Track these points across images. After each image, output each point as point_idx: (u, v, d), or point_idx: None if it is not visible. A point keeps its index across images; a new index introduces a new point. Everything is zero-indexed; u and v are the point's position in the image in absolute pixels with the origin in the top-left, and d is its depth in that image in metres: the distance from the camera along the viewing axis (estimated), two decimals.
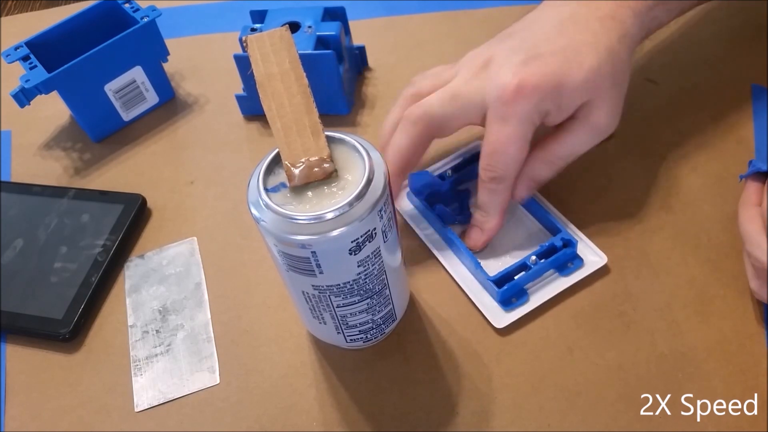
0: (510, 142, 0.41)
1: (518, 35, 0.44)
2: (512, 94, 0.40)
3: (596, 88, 0.42)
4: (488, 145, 0.42)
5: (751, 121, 0.50)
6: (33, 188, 0.55)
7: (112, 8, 0.57)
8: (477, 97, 0.42)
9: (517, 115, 0.41)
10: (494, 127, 0.42)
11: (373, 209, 0.33)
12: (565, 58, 0.41)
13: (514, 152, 0.42)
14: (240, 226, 0.51)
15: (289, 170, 0.33)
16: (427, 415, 0.40)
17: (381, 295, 0.38)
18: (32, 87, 0.53)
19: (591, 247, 0.44)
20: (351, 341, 0.41)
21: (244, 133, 0.57)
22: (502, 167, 0.42)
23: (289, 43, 0.36)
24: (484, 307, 0.43)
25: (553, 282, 0.43)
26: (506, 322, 0.42)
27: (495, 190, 0.43)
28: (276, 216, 0.32)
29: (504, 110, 0.41)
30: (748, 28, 0.57)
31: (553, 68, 0.41)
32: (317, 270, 0.34)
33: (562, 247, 0.43)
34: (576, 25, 0.43)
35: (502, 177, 0.42)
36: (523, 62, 0.41)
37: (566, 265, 0.44)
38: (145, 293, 0.48)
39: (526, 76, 0.41)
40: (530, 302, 0.43)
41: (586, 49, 0.42)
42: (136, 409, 0.43)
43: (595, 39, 0.42)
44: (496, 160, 0.42)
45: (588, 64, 0.41)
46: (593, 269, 0.43)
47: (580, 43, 0.42)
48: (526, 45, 0.43)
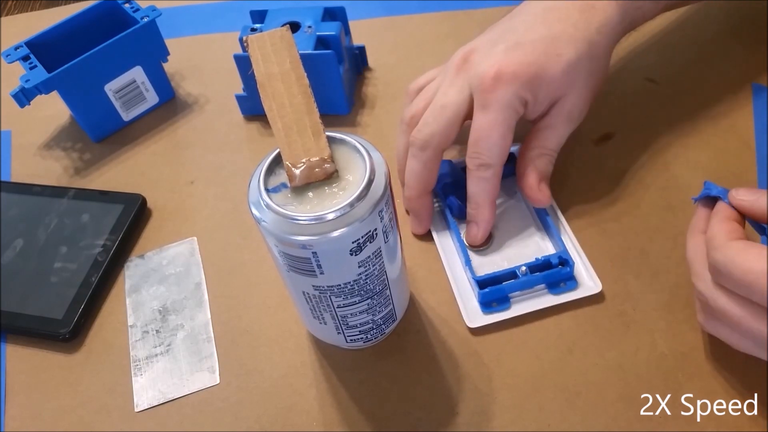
0: (492, 129, 0.42)
1: (500, 27, 0.46)
2: (491, 81, 0.42)
3: (572, 82, 0.43)
4: (473, 133, 0.43)
5: (751, 120, 0.50)
6: (33, 188, 0.55)
7: (112, 8, 0.57)
8: (462, 95, 0.44)
9: (497, 101, 0.42)
10: (478, 115, 0.43)
11: (374, 210, 0.33)
12: (545, 48, 0.43)
13: (497, 138, 0.42)
14: (240, 226, 0.51)
15: (290, 170, 0.33)
16: (427, 415, 0.40)
17: (381, 296, 0.38)
18: (32, 87, 0.53)
19: (589, 271, 0.44)
20: (351, 341, 0.41)
21: (244, 133, 0.57)
22: (486, 153, 0.43)
23: (290, 43, 0.36)
24: (463, 303, 0.43)
25: (542, 297, 0.43)
26: (479, 323, 0.42)
27: (482, 177, 0.43)
28: (277, 216, 0.32)
29: (485, 98, 0.42)
30: (748, 28, 0.57)
31: (531, 58, 0.42)
32: (318, 270, 0.34)
33: (558, 265, 0.43)
34: (556, 13, 0.44)
35: (488, 164, 0.43)
36: (502, 51, 0.43)
37: (559, 284, 0.43)
38: (145, 293, 0.48)
39: (505, 64, 0.42)
40: (511, 310, 0.43)
41: (565, 40, 0.43)
42: (136, 409, 0.43)
43: (575, 30, 0.43)
44: (481, 146, 0.43)
45: (566, 57, 0.42)
46: (585, 294, 0.43)
47: (559, 32, 0.43)
48: (507, 34, 0.44)
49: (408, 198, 0.46)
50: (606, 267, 0.44)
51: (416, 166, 0.45)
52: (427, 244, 0.47)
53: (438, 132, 0.44)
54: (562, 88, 0.43)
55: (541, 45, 0.43)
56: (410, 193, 0.46)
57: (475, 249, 0.46)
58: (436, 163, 0.45)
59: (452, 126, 0.44)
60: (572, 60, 0.42)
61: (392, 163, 0.52)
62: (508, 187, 0.49)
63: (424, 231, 0.48)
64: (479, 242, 0.45)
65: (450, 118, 0.44)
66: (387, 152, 0.52)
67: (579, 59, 0.43)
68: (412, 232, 0.48)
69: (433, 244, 0.47)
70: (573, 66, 0.43)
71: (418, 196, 0.46)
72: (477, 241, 0.45)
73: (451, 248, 0.46)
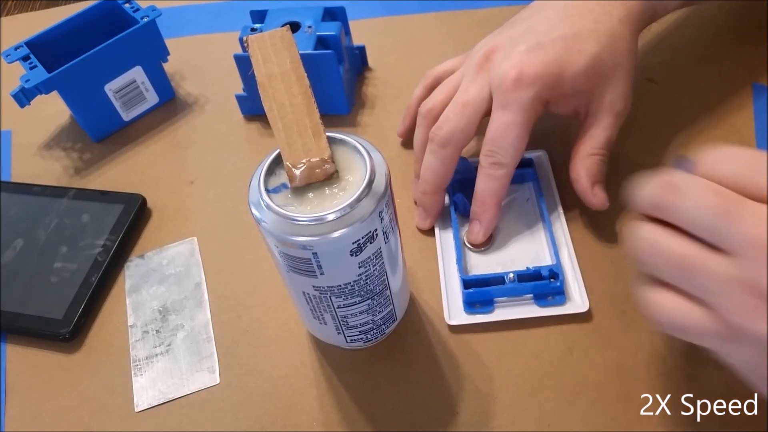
0: (510, 129, 0.42)
1: (522, 24, 0.46)
2: (512, 82, 0.42)
3: (598, 75, 0.43)
4: (490, 131, 0.43)
5: (751, 120, 0.50)
6: (33, 188, 0.55)
7: (112, 8, 0.57)
8: (483, 93, 0.44)
9: (517, 103, 0.42)
10: (496, 114, 0.43)
11: (374, 211, 0.33)
12: (566, 46, 0.43)
13: (513, 139, 0.43)
14: (240, 226, 0.51)
15: (290, 171, 0.33)
16: (427, 415, 0.40)
17: (382, 296, 0.38)
18: (32, 87, 0.53)
19: (580, 288, 0.43)
20: (351, 341, 0.41)
21: (244, 133, 0.57)
22: (501, 153, 0.43)
23: (290, 43, 0.36)
24: (448, 299, 0.43)
25: (527, 306, 0.43)
26: (457, 322, 0.42)
27: (494, 176, 0.43)
28: (277, 217, 0.32)
29: (505, 98, 0.42)
30: (748, 28, 0.57)
31: (553, 56, 0.42)
32: (318, 271, 0.34)
33: (548, 278, 0.42)
34: (577, 9, 0.44)
35: (501, 162, 0.43)
36: (524, 51, 0.43)
37: (546, 297, 0.43)
38: (145, 293, 0.48)
39: (527, 65, 0.42)
40: (494, 314, 0.43)
41: (586, 35, 0.43)
42: (136, 409, 0.43)
43: (596, 24, 0.43)
44: (497, 145, 0.43)
45: (588, 51, 0.43)
46: (571, 311, 0.42)
47: (581, 29, 0.43)
48: (528, 33, 0.44)
49: (422, 192, 0.47)
50: (605, 266, 0.44)
51: (434, 163, 0.45)
52: (427, 244, 0.47)
53: (459, 129, 0.44)
54: (589, 83, 0.43)
55: (562, 43, 0.43)
56: (425, 188, 0.46)
57: (475, 248, 0.46)
58: (454, 161, 0.45)
59: (473, 124, 0.44)
60: (595, 54, 0.43)
61: (393, 163, 0.51)
62: (519, 191, 0.49)
63: (429, 226, 0.48)
64: (480, 241, 0.45)
65: (470, 117, 0.44)
66: (387, 152, 0.53)
67: (602, 52, 0.43)
68: (416, 226, 0.48)
69: (434, 244, 0.47)
70: (596, 59, 0.43)
71: (433, 192, 0.46)
72: (478, 239, 0.45)
73: (449, 245, 0.46)
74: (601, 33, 0.43)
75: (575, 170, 0.45)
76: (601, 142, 0.45)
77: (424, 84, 0.51)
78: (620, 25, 0.44)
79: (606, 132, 0.45)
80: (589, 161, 0.45)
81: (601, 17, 0.44)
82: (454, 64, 0.50)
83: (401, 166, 0.52)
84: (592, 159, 0.45)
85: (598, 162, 0.45)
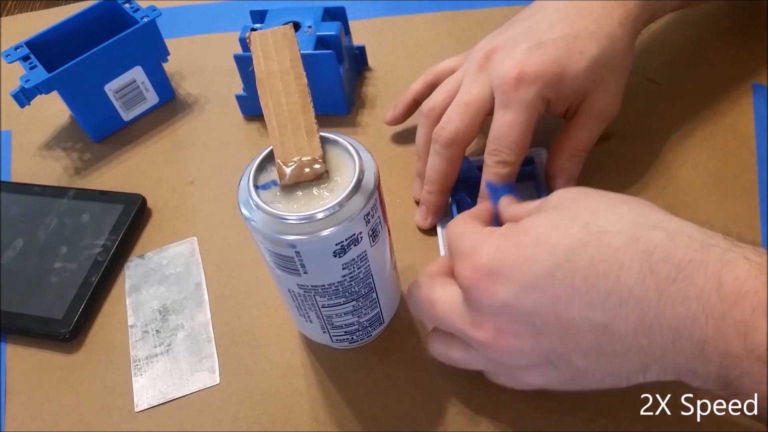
0: (513, 128, 0.43)
1: (522, 23, 0.46)
2: (514, 81, 0.42)
3: (596, 78, 0.43)
4: (494, 130, 0.43)
5: (751, 120, 0.50)
6: (33, 188, 0.55)
7: (112, 8, 0.57)
8: (484, 92, 0.44)
9: (519, 102, 0.42)
10: (499, 113, 0.43)
11: (360, 213, 0.33)
12: (567, 47, 0.43)
13: (517, 137, 0.43)
14: (240, 226, 0.50)
15: (281, 168, 0.33)
16: (427, 415, 0.40)
17: (367, 299, 0.38)
18: (32, 87, 0.53)
19: None
20: (337, 341, 0.41)
21: (244, 133, 0.57)
22: (506, 151, 0.43)
23: (292, 42, 0.36)
24: None
25: None
26: None
27: (499, 174, 0.44)
28: (263, 214, 0.33)
29: (507, 98, 0.43)
30: (748, 28, 0.57)
31: (554, 56, 0.43)
32: (302, 270, 0.34)
33: None
34: (578, 9, 0.44)
35: (506, 161, 0.43)
36: (525, 50, 0.43)
37: None
38: (145, 293, 0.48)
39: (528, 64, 0.42)
40: None
41: (587, 37, 0.43)
42: (136, 409, 0.43)
43: (597, 26, 0.43)
44: (501, 144, 0.43)
45: (589, 53, 0.43)
46: None
47: (581, 29, 0.43)
48: (529, 33, 0.44)
49: (428, 192, 0.47)
50: None
51: (440, 164, 0.45)
52: (428, 244, 0.47)
53: (462, 129, 0.44)
54: (587, 85, 0.43)
55: (563, 43, 0.43)
56: (431, 188, 0.46)
57: None
58: (459, 160, 0.46)
59: (476, 124, 0.44)
60: (595, 56, 0.43)
61: (393, 163, 0.52)
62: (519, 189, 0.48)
63: (430, 226, 0.48)
64: None
65: (473, 116, 0.44)
66: (387, 152, 0.53)
67: (602, 55, 0.43)
68: (416, 225, 0.48)
69: (435, 243, 0.47)
70: (596, 62, 0.43)
71: (439, 192, 0.46)
72: None
73: None
74: (602, 35, 0.43)
75: (555, 167, 0.46)
76: (584, 144, 0.45)
77: (423, 80, 0.52)
78: (620, 27, 0.44)
79: (591, 135, 0.45)
80: (570, 162, 0.45)
81: (602, 19, 0.44)
82: (455, 63, 0.50)
83: (401, 166, 0.51)
84: (573, 160, 0.45)
85: (577, 164, 0.46)
